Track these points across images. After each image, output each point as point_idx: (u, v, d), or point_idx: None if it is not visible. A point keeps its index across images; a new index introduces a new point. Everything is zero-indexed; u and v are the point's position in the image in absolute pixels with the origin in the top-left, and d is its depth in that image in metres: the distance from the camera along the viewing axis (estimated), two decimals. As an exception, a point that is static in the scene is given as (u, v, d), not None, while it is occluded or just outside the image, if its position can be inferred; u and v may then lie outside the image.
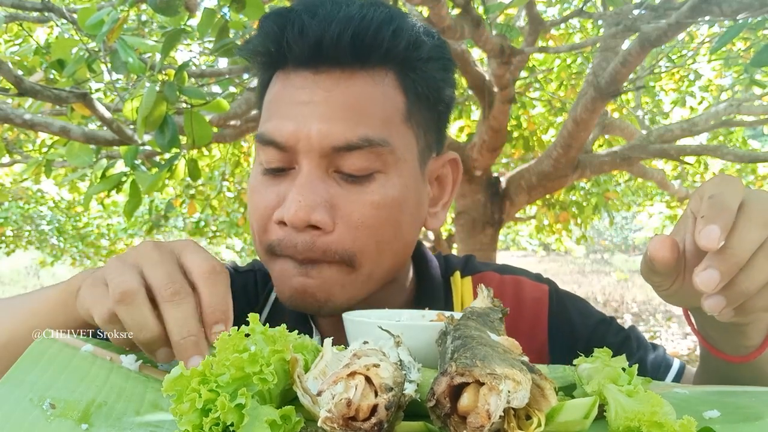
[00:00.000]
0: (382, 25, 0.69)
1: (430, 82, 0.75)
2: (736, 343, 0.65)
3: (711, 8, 2.09)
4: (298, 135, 0.68)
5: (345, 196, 0.70)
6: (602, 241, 16.91)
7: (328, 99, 0.69)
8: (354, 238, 0.70)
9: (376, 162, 0.70)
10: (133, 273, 0.54)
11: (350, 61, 0.70)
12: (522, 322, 0.85)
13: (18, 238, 8.07)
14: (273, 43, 0.71)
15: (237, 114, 2.89)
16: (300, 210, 0.67)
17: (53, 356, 0.52)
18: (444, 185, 0.82)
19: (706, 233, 0.48)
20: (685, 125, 3.86)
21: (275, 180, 0.72)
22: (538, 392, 0.41)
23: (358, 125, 0.68)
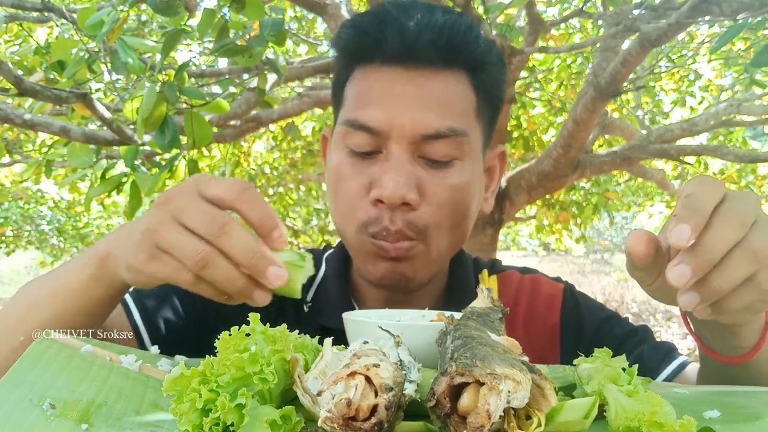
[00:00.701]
0: (467, 32, 0.80)
1: (494, 83, 0.85)
2: (730, 344, 0.65)
3: (711, 8, 2.09)
4: (392, 122, 0.77)
5: (429, 179, 0.79)
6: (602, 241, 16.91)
7: (420, 92, 0.78)
8: (433, 215, 0.79)
9: (456, 150, 0.79)
10: (187, 234, 0.56)
11: (438, 61, 0.79)
12: (537, 314, 0.93)
13: (18, 238, 8.07)
14: (368, 38, 0.80)
15: (237, 114, 2.89)
16: (398, 189, 0.76)
17: (53, 356, 0.52)
18: (493, 175, 0.93)
19: (676, 231, 0.49)
20: (685, 125, 3.85)
21: (364, 163, 0.80)
22: (538, 392, 0.41)
23: (444, 117, 0.78)
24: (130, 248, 0.60)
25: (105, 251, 0.65)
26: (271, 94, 3.07)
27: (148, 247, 0.58)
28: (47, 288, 0.70)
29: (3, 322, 0.71)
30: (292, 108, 3.40)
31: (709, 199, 0.51)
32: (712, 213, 0.51)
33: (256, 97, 2.75)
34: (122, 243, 0.64)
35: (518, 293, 0.95)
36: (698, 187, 0.53)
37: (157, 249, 0.58)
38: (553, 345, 0.91)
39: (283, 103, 3.45)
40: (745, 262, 0.50)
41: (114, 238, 0.66)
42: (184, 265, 0.56)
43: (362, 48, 0.82)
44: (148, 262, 0.58)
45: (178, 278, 0.58)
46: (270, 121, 3.43)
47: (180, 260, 0.57)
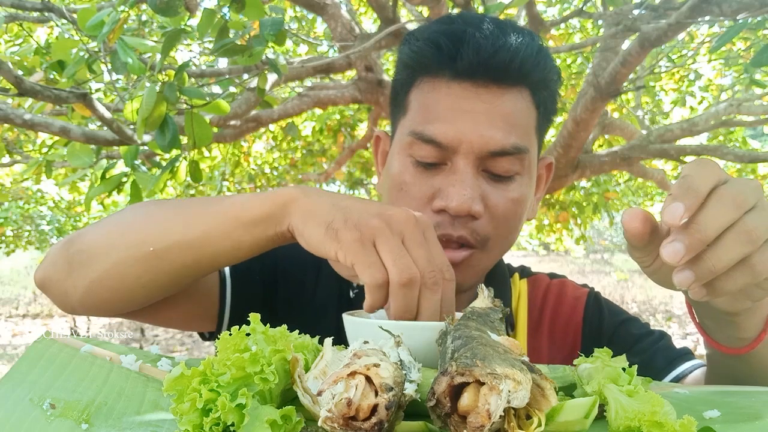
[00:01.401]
0: (538, 55, 0.83)
1: (554, 98, 0.89)
2: (732, 335, 0.66)
3: (711, 8, 2.09)
4: (461, 138, 0.80)
5: (492, 192, 0.82)
6: (602, 241, 16.90)
7: (488, 110, 0.81)
8: (494, 227, 0.83)
9: (518, 165, 0.83)
10: (409, 259, 0.59)
11: (508, 81, 0.82)
12: (561, 315, 0.97)
13: (18, 238, 8.07)
14: (442, 54, 0.82)
15: (237, 114, 2.89)
16: (465, 202, 0.79)
17: (53, 356, 0.52)
18: (540, 184, 0.96)
19: (670, 209, 0.49)
20: (685, 125, 3.85)
21: (428, 173, 0.83)
22: (538, 392, 0.41)
23: (510, 134, 0.81)
24: (339, 216, 0.61)
25: (291, 197, 0.65)
26: (271, 94, 3.07)
27: (365, 233, 0.60)
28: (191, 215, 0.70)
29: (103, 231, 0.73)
30: (292, 108, 3.40)
31: (705, 180, 0.52)
32: (709, 194, 0.51)
33: (256, 97, 2.75)
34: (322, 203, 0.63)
35: (546, 296, 0.99)
36: (695, 169, 0.53)
37: (370, 241, 0.59)
38: (575, 346, 0.95)
39: (283, 103, 3.45)
40: (739, 243, 0.51)
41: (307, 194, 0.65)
42: (382, 267, 0.59)
43: (433, 61, 0.83)
44: (355, 241, 0.60)
45: (370, 269, 0.59)
46: (270, 121, 3.43)
47: (385, 263, 0.59)
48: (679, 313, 8.66)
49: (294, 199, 0.65)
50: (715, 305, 0.60)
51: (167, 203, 0.77)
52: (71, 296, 0.75)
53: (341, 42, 2.96)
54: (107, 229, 0.75)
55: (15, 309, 9.53)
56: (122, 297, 0.73)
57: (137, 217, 0.75)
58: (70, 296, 0.75)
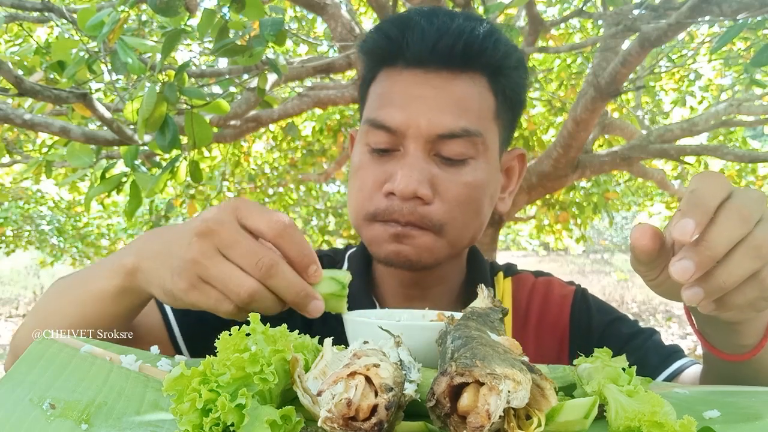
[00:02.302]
0: (486, 37, 0.83)
1: (514, 87, 0.89)
2: (733, 343, 0.66)
3: (711, 8, 2.09)
4: (409, 123, 0.81)
5: (443, 176, 0.82)
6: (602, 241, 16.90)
7: (437, 95, 0.82)
8: (447, 211, 0.82)
9: (470, 149, 0.83)
10: (233, 268, 0.60)
11: (456, 65, 0.83)
12: (548, 315, 0.96)
13: (18, 238, 8.06)
14: (392, 43, 0.84)
15: (237, 114, 2.89)
16: (410, 184, 0.79)
17: (53, 356, 0.52)
18: (511, 176, 0.96)
19: (680, 226, 0.49)
20: (685, 125, 3.85)
21: (381, 159, 0.84)
22: (538, 392, 0.41)
23: (460, 118, 0.82)
24: (167, 273, 0.62)
25: (133, 265, 0.67)
26: (271, 94, 3.07)
27: (190, 276, 0.61)
28: (74, 295, 0.72)
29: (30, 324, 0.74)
30: (292, 108, 3.40)
31: (714, 194, 0.51)
32: (717, 209, 0.51)
33: (256, 97, 2.75)
34: (156, 264, 0.65)
35: (531, 295, 0.98)
36: (703, 182, 0.53)
37: (200, 280, 0.61)
38: (562, 345, 0.93)
39: (283, 103, 3.44)
40: (749, 259, 0.50)
41: (144, 254, 0.67)
42: (227, 297, 0.60)
43: (386, 52, 0.86)
44: (189, 291, 0.61)
45: (218, 309, 0.61)
46: (270, 121, 3.43)
47: (224, 293, 0.60)
48: (679, 313, 8.65)
49: (135, 269, 0.67)
50: (719, 316, 0.59)
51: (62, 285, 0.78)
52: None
53: (341, 42, 2.96)
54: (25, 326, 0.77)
55: (15, 309, 9.53)
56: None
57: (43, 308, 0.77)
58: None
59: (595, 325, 0.94)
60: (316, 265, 0.63)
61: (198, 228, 0.61)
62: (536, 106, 5.07)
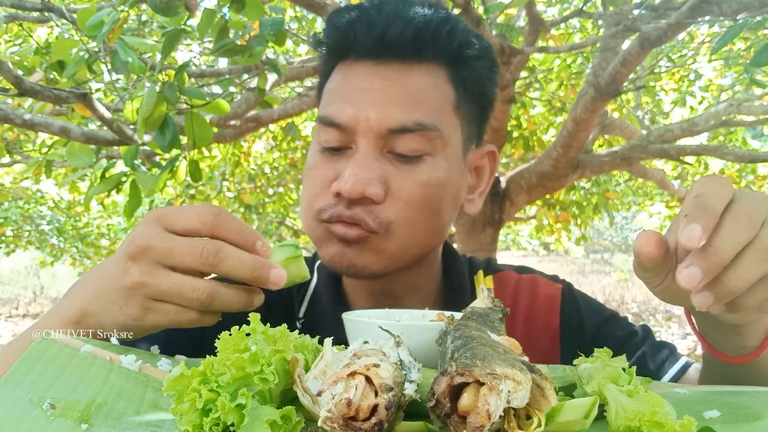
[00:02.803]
0: (440, 25, 0.78)
1: (477, 78, 0.83)
2: (735, 344, 0.65)
3: (711, 8, 2.09)
4: (358, 117, 0.76)
5: (397, 174, 0.77)
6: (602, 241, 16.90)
7: (387, 87, 0.77)
8: (398, 211, 0.76)
9: (426, 145, 0.77)
10: (181, 276, 0.57)
11: (409, 55, 0.78)
12: (536, 317, 0.91)
13: (18, 238, 8.07)
14: (341, 35, 0.80)
15: (237, 114, 2.89)
16: (357, 183, 0.74)
17: (53, 356, 0.52)
18: (481, 175, 0.90)
19: (687, 232, 0.48)
20: (685, 125, 3.85)
21: (333, 158, 0.79)
22: (538, 392, 0.41)
23: (412, 111, 0.76)
24: (115, 308, 0.60)
25: (80, 313, 0.62)
26: (271, 94, 3.07)
27: (141, 301, 0.58)
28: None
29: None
30: (292, 108, 3.40)
31: (719, 199, 0.51)
32: (722, 213, 0.51)
33: (256, 97, 2.75)
34: (100, 304, 0.61)
35: (516, 294, 0.93)
36: (708, 186, 0.52)
37: (151, 301, 0.58)
38: (553, 348, 0.90)
39: (283, 103, 3.45)
40: (758, 262, 0.50)
41: (86, 298, 0.62)
42: (187, 307, 0.58)
43: (338, 45, 0.82)
44: (144, 315, 0.59)
45: (180, 321, 0.59)
46: (270, 121, 3.43)
47: (181, 304, 0.58)
48: (679, 313, 8.65)
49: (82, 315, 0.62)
50: (724, 319, 0.59)
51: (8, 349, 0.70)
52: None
53: (341, 42, 2.96)
54: None
55: (15, 309, 9.53)
56: None
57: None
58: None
59: (587, 324, 0.91)
60: (261, 240, 0.60)
61: (128, 251, 0.58)
62: (536, 106, 5.08)
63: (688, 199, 0.53)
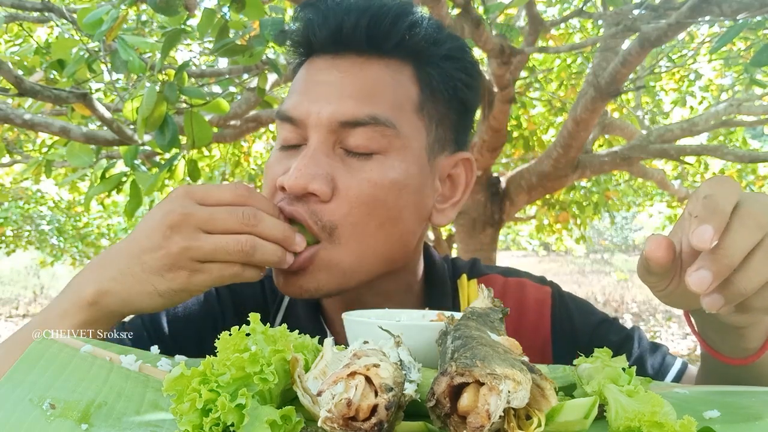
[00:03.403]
0: (398, 17, 0.74)
1: (447, 79, 0.78)
2: (735, 346, 0.65)
3: (711, 8, 2.09)
4: (310, 110, 0.73)
5: (345, 171, 0.72)
6: (602, 241, 16.91)
7: (342, 79, 0.74)
8: (347, 213, 0.71)
9: (380, 141, 0.72)
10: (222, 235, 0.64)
11: (367, 48, 0.74)
12: (525, 323, 0.87)
13: (18, 238, 8.07)
14: (304, 29, 0.78)
15: (237, 114, 2.89)
16: (300, 178, 0.70)
17: (53, 356, 0.52)
18: (456, 185, 0.83)
19: (699, 233, 0.48)
20: (685, 125, 3.86)
21: (287, 154, 0.76)
22: (538, 392, 0.41)
23: (366, 104, 0.72)
24: (157, 276, 0.63)
25: (96, 293, 0.63)
26: (271, 94, 3.07)
27: (185, 264, 0.62)
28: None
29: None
30: (292, 108, 3.39)
31: (728, 200, 0.51)
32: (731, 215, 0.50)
33: (256, 97, 2.75)
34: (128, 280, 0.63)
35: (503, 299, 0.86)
36: (716, 188, 0.52)
37: (196, 263, 0.62)
38: (544, 351, 0.87)
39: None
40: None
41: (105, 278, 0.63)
42: (229, 261, 0.63)
43: (301, 41, 0.79)
44: (191, 277, 0.63)
45: (224, 276, 0.64)
46: (270, 121, 3.43)
47: (226, 259, 0.63)
48: (679, 313, 8.60)
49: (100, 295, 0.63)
50: (729, 321, 0.59)
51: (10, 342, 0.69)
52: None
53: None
54: None
55: (15, 309, 9.53)
56: None
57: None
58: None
59: (579, 329, 0.88)
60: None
61: (168, 221, 0.62)
62: (536, 106, 5.08)
63: (696, 201, 0.52)
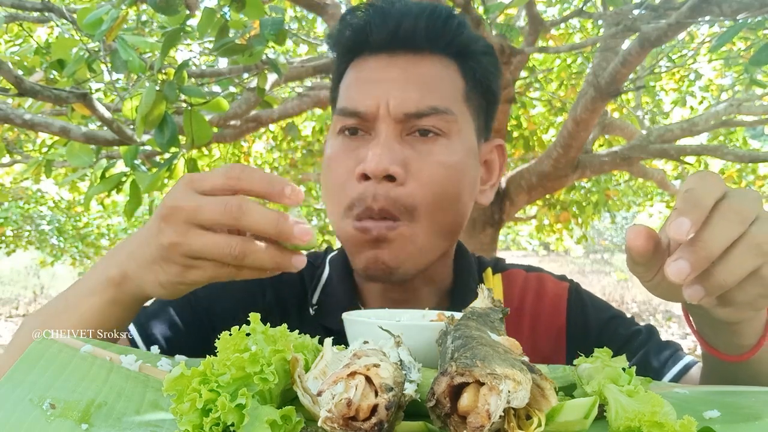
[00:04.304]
0: (449, 18, 0.84)
1: (484, 72, 0.88)
2: (731, 343, 0.66)
3: (711, 8, 2.09)
4: (378, 104, 0.80)
5: (416, 156, 0.80)
6: (602, 241, 16.90)
7: (402, 75, 0.82)
8: (421, 193, 0.80)
9: (442, 127, 0.81)
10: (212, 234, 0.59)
11: (421, 46, 0.83)
12: (543, 313, 0.93)
13: (18, 238, 8.07)
14: (355, 32, 0.85)
15: (237, 114, 2.89)
16: (380, 162, 0.77)
17: (53, 356, 0.52)
18: (491, 169, 0.94)
19: (675, 225, 0.49)
20: (685, 125, 3.85)
21: (353, 144, 0.82)
22: (538, 392, 0.41)
23: (426, 97, 0.81)
24: (156, 266, 0.62)
25: (120, 274, 0.65)
26: (271, 94, 3.07)
27: (179, 259, 0.60)
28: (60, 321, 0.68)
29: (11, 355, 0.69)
30: (292, 108, 3.40)
31: (709, 194, 0.51)
32: (712, 208, 0.51)
33: (256, 97, 2.75)
34: (140, 265, 0.64)
35: (523, 292, 0.95)
36: (699, 182, 0.53)
37: (189, 258, 0.60)
38: (558, 345, 0.91)
39: (283, 103, 3.45)
40: (750, 256, 0.50)
41: (124, 260, 0.65)
42: (222, 262, 0.60)
43: (351, 43, 0.86)
44: (185, 273, 0.61)
45: (219, 275, 0.61)
46: (270, 121, 3.43)
47: (217, 259, 0.59)
48: (679, 313, 8.63)
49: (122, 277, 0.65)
50: (717, 315, 0.59)
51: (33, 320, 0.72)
52: None
53: (341, 42, 2.96)
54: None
55: (15, 309, 9.53)
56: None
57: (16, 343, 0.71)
58: None
59: (592, 323, 0.92)
60: (291, 186, 0.60)
61: (161, 213, 0.61)
62: (536, 106, 5.08)
63: (680, 194, 0.53)
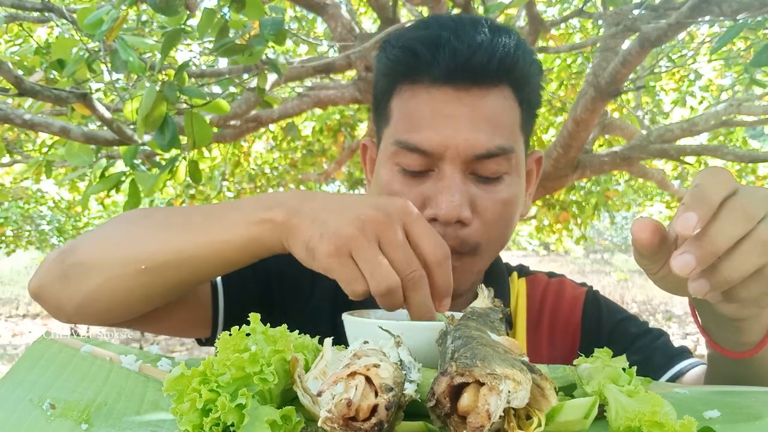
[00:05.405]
0: (516, 51, 0.82)
1: (536, 92, 0.89)
2: (734, 340, 0.66)
3: (711, 8, 2.09)
4: (446, 144, 0.80)
5: (481, 196, 0.82)
6: (602, 241, 16.90)
7: (470, 113, 0.80)
8: (485, 231, 0.82)
9: (505, 166, 0.82)
10: (384, 268, 0.60)
11: (488, 81, 0.81)
12: (560, 314, 0.97)
13: (18, 238, 8.07)
14: (418, 59, 0.81)
15: (237, 114, 2.89)
16: (454, 209, 0.79)
17: (53, 357, 0.52)
18: (530, 179, 0.95)
19: (683, 219, 0.49)
20: (685, 125, 3.85)
21: (415, 181, 0.83)
22: (538, 392, 0.41)
23: (494, 136, 0.81)
24: (316, 233, 0.62)
25: (283, 220, 0.65)
26: (271, 94, 3.07)
27: (341, 246, 0.61)
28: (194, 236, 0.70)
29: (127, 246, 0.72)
30: (292, 108, 3.40)
31: (718, 190, 0.51)
32: (720, 205, 0.51)
33: (256, 97, 2.75)
34: (306, 222, 0.64)
35: (544, 295, 0.99)
36: (708, 178, 0.53)
37: (347, 253, 0.61)
38: (574, 345, 0.94)
39: (283, 103, 3.45)
40: (756, 254, 0.51)
41: (295, 212, 0.65)
42: (365, 280, 0.61)
43: (411, 68, 0.83)
44: (331, 257, 0.61)
45: (350, 283, 0.62)
46: (270, 121, 3.43)
47: (365, 276, 0.61)
48: (680, 313, 8.65)
49: (282, 221, 0.66)
50: (722, 312, 0.60)
51: (161, 214, 0.77)
52: (66, 307, 0.75)
53: (341, 42, 2.96)
54: (101, 242, 0.75)
55: (15, 309, 9.53)
56: (116, 309, 0.74)
57: (130, 230, 0.75)
58: (65, 307, 0.75)
59: (604, 324, 0.95)
60: (449, 298, 0.66)
61: (367, 213, 0.62)
62: (536, 106, 5.06)
63: (689, 190, 0.53)
